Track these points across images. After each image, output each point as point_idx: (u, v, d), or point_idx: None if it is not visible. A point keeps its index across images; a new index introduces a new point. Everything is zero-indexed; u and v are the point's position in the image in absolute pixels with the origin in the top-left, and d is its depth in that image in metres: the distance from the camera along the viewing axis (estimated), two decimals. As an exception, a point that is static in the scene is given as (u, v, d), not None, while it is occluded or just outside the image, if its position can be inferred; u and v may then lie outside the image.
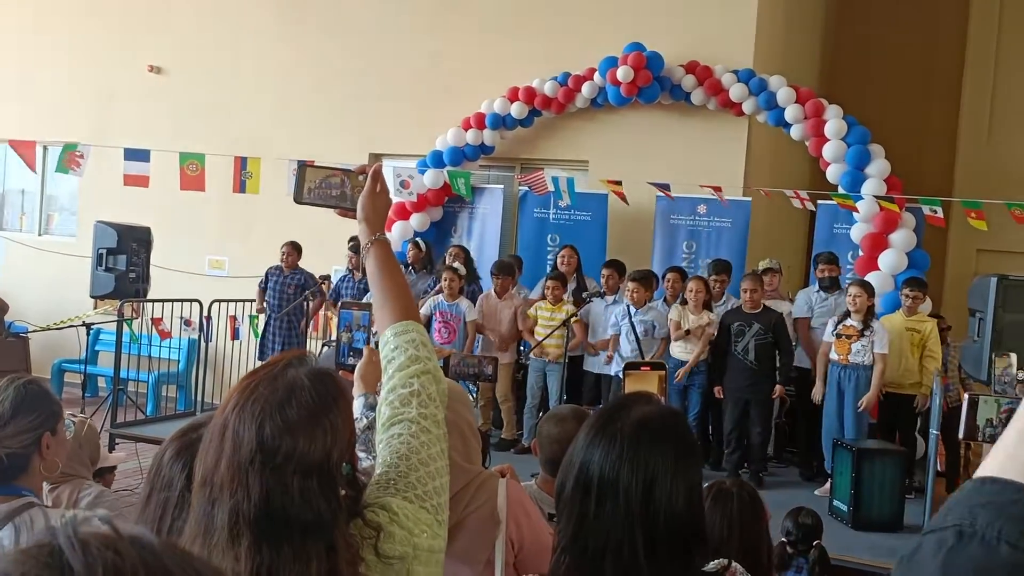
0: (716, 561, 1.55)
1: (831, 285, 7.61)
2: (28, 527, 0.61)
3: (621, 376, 4.73)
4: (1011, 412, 2.06)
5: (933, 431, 5.93)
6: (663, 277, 8.23)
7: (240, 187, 8.87)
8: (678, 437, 1.51)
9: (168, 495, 1.56)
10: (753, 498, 2.83)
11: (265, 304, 9.20)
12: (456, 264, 8.45)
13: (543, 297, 7.95)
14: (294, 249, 9.12)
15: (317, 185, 1.81)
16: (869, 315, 6.90)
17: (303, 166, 1.84)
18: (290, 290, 9.04)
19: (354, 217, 1.77)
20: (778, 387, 7.21)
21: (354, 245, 9.14)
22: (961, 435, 2.06)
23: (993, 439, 2.01)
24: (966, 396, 2.04)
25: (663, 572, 1.44)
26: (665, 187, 8.43)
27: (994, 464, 0.72)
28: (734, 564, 1.59)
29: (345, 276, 9.14)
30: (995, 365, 5.25)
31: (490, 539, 2.26)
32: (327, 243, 9.50)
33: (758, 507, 2.82)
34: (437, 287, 8.14)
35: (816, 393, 7.13)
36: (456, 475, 1.68)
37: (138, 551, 0.62)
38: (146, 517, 1.55)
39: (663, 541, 1.43)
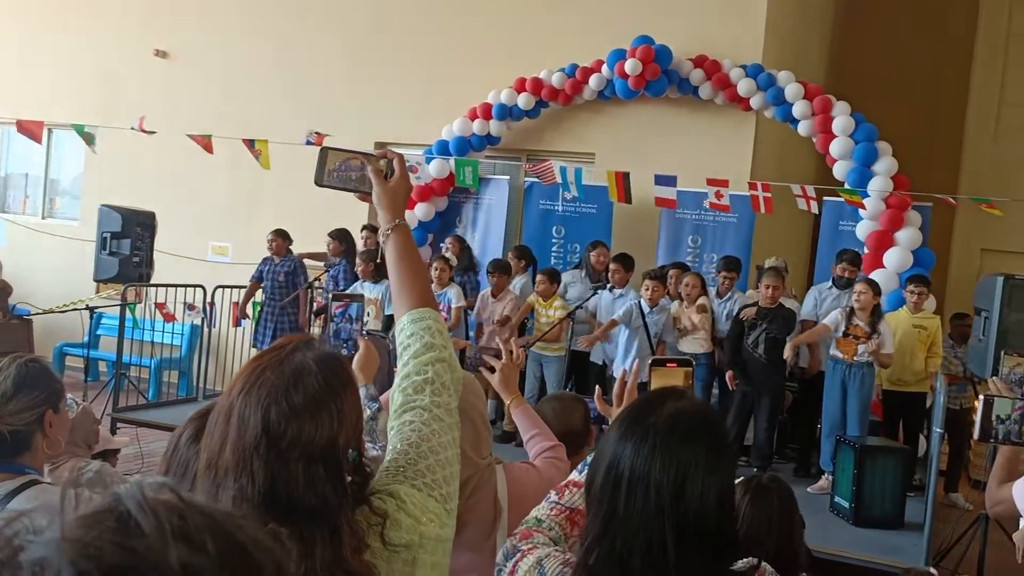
0: (745, 560, 1.53)
1: (847, 285, 7.49)
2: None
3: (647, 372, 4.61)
4: None
5: (937, 429, 5.91)
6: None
7: (254, 153, 8.83)
8: (712, 434, 1.49)
9: (184, 476, 1.55)
10: (790, 495, 2.73)
11: (261, 293, 9.18)
12: (448, 254, 8.48)
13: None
14: (279, 236, 9.07)
15: (337, 168, 1.80)
16: (875, 315, 6.86)
17: (325, 149, 1.82)
18: (280, 278, 9.00)
19: (372, 202, 1.76)
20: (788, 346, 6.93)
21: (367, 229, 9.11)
22: (976, 436, 2.04)
23: (1008, 439, 1.99)
24: (981, 397, 2.02)
25: (692, 569, 1.42)
26: (671, 183, 8.36)
27: None
28: (764, 564, 1.57)
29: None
30: (1003, 364, 5.21)
31: (493, 527, 2.25)
32: (329, 228, 9.49)
33: (794, 505, 2.73)
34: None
35: (787, 351, 6.91)
36: (464, 465, 1.67)
37: (203, 517, 0.62)
38: None
39: (693, 538, 1.41)
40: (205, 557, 0.60)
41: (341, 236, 9.06)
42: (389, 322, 8.13)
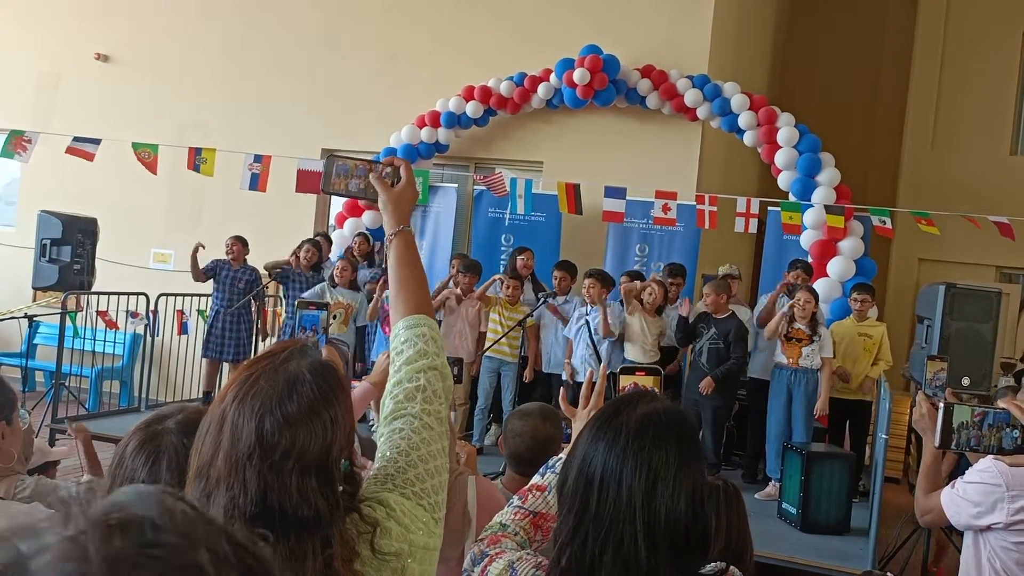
0: (713, 564, 1.54)
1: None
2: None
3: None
4: (984, 416, 2.09)
5: (881, 435, 6.03)
6: (619, 280, 8.26)
7: (195, 167, 8.62)
8: (683, 436, 1.50)
9: None
10: (737, 494, 2.74)
11: (213, 299, 8.93)
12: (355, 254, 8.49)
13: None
14: (238, 242, 8.76)
15: (343, 175, 1.82)
16: (814, 320, 7.01)
17: (332, 156, 1.85)
18: (240, 285, 8.75)
19: (378, 208, 1.77)
20: (706, 379, 7.12)
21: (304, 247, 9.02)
22: (936, 444, 2.08)
23: (967, 446, 2.04)
24: (940, 404, 2.06)
25: (662, 569, 1.43)
26: (620, 194, 8.42)
27: None
28: (732, 568, 1.58)
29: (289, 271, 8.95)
30: (927, 368, 5.33)
31: (462, 537, 2.24)
32: (274, 238, 9.38)
33: (741, 504, 2.76)
34: (381, 278, 8.02)
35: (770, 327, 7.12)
36: None
37: (160, 562, 0.56)
38: None
39: (664, 538, 1.42)
40: None
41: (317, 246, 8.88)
42: (360, 332, 8.05)
